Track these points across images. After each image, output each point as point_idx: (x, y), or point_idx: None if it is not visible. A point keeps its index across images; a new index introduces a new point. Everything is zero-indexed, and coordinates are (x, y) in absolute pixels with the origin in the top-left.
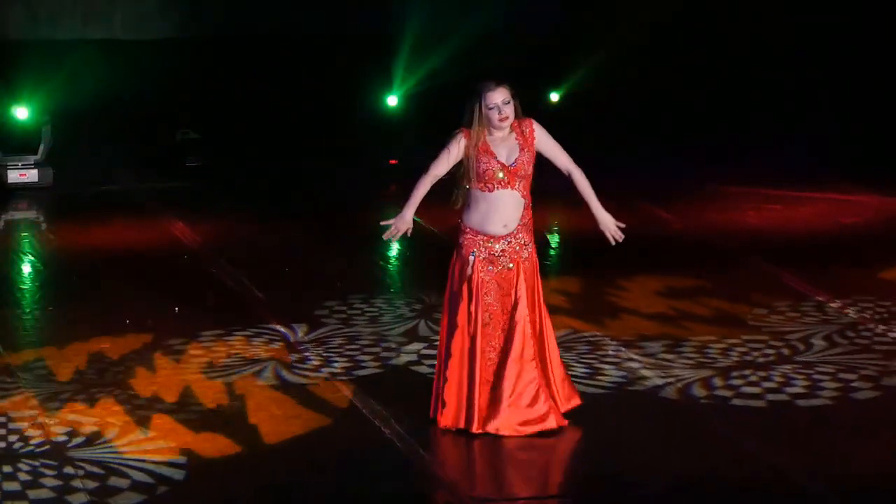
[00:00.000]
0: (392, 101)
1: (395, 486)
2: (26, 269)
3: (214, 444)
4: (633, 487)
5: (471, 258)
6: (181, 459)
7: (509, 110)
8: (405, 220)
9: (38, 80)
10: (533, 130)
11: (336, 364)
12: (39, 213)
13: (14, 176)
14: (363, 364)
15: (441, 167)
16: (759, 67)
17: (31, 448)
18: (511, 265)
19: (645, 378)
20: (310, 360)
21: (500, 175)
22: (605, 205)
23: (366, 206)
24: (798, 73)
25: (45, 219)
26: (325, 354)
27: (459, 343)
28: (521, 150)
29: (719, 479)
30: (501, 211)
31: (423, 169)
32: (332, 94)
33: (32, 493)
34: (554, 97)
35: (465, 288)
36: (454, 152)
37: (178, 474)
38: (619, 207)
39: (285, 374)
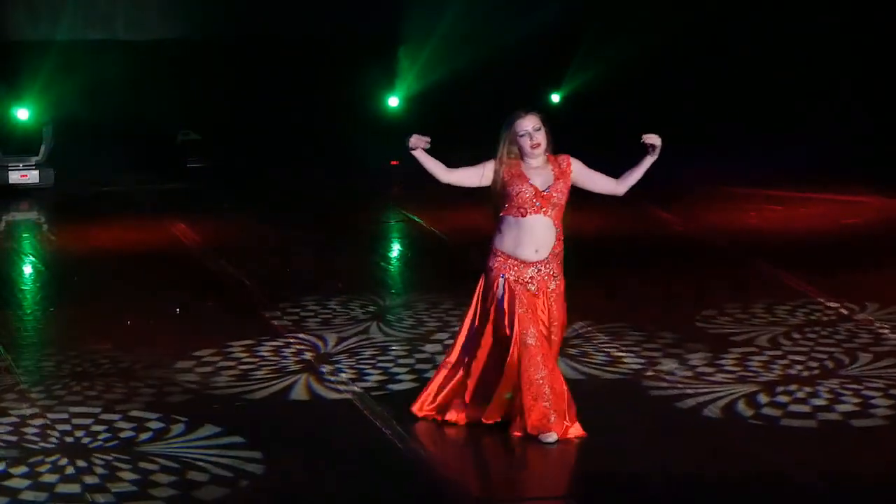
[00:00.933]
0: (393, 101)
1: (396, 487)
2: (27, 269)
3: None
4: (635, 488)
5: (500, 280)
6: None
7: (540, 137)
8: (423, 144)
9: (39, 81)
10: (570, 164)
11: (344, 373)
12: (40, 213)
13: (15, 177)
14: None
15: (459, 173)
16: (759, 68)
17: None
18: (536, 295)
19: (648, 379)
20: (323, 369)
21: (534, 200)
22: (606, 205)
23: (367, 206)
24: (798, 73)
25: (46, 219)
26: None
27: (478, 353)
28: (557, 179)
29: (721, 480)
30: (534, 236)
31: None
32: (333, 94)
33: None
34: (555, 98)
35: (493, 308)
36: (480, 170)
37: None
38: (620, 208)
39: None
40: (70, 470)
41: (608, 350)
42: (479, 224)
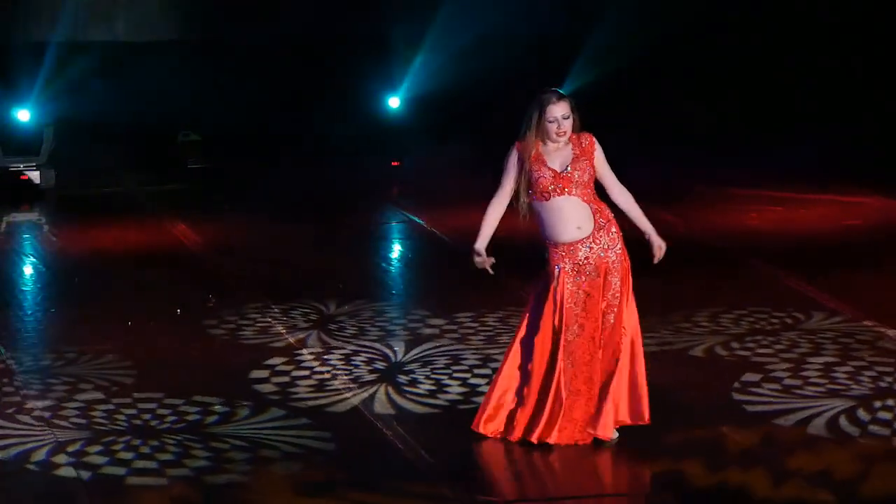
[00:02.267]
0: (394, 102)
1: (397, 488)
2: (28, 270)
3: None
4: (635, 488)
5: (556, 270)
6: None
7: (568, 125)
8: (478, 252)
9: (40, 82)
10: (593, 142)
11: (347, 371)
12: (41, 214)
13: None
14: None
15: (507, 186)
16: (759, 69)
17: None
18: (597, 274)
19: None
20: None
21: (555, 183)
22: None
23: (368, 207)
24: (799, 74)
25: (47, 220)
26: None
27: (534, 354)
28: (577, 158)
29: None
30: (565, 217)
31: (494, 196)
32: (334, 95)
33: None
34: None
35: (549, 300)
36: (511, 169)
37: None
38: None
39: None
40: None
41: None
42: (477, 224)
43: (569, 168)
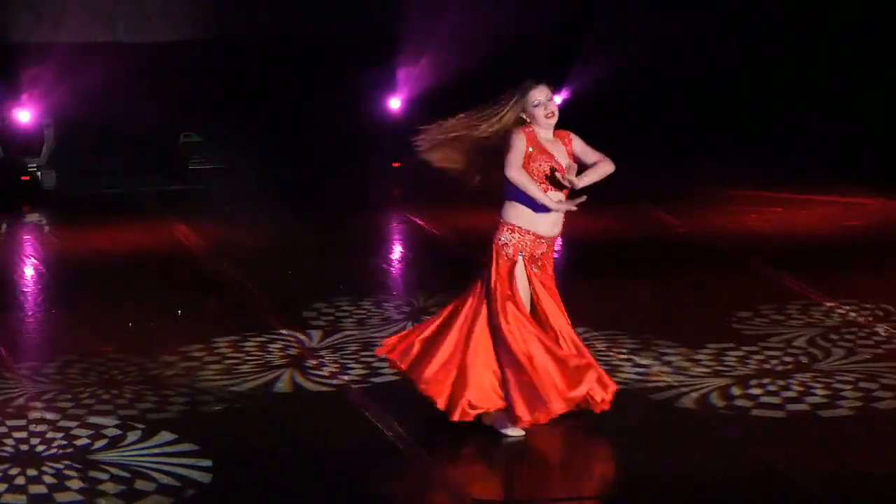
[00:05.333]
0: (395, 103)
1: (398, 489)
2: (29, 271)
3: (227, 447)
4: (637, 491)
5: (519, 257)
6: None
7: (554, 106)
8: (559, 200)
9: (41, 82)
10: (571, 140)
11: (351, 371)
12: (42, 215)
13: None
14: (380, 371)
15: (519, 160)
16: (760, 68)
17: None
18: (541, 269)
19: (654, 382)
20: (324, 366)
21: (559, 181)
22: (608, 207)
23: (368, 208)
24: (799, 74)
25: (47, 221)
26: (333, 358)
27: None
28: (568, 156)
29: (728, 484)
30: (553, 213)
31: (509, 170)
32: (335, 96)
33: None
34: (557, 100)
35: (510, 286)
36: (519, 145)
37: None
38: (622, 210)
39: (299, 379)
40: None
41: (615, 353)
42: (479, 225)
43: (567, 166)
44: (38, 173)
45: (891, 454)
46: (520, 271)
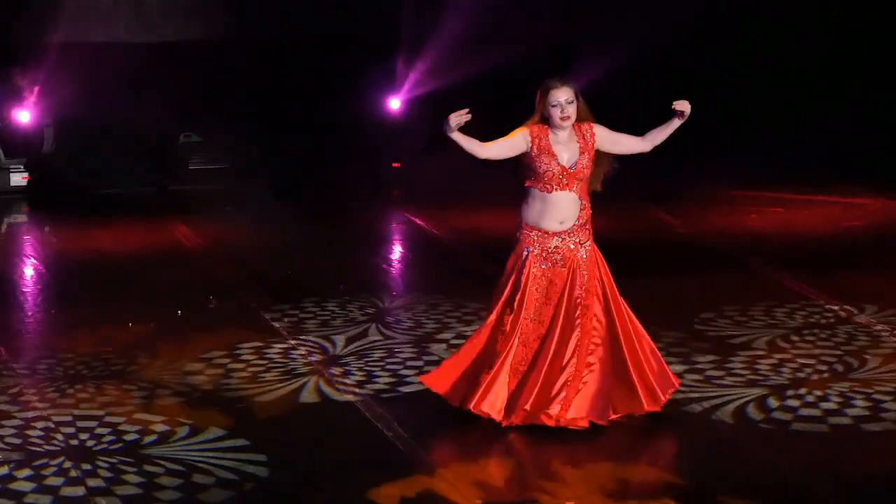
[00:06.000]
0: (395, 104)
1: (398, 489)
2: (28, 271)
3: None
4: (637, 491)
5: (525, 252)
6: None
7: (572, 110)
8: (459, 120)
9: (40, 82)
10: (594, 134)
11: (354, 375)
12: (42, 215)
13: (17, 179)
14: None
15: (495, 147)
16: (760, 69)
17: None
18: (563, 265)
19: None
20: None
21: (560, 178)
22: (609, 207)
23: (368, 208)
24: (800, 74)
25: (47, 221)
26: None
27: (500, 331)
28: (582, 153)
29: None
30: (559, 210)
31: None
32: (334, 96)
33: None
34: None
35: (513, 280)
36: (512, 142)
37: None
38: (621, 210)
39: (303, 380)
40: (74, 473)
41: None
42: (479, 226)
43: (575, 165)
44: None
45: (891, 455)
46: (525, 267)
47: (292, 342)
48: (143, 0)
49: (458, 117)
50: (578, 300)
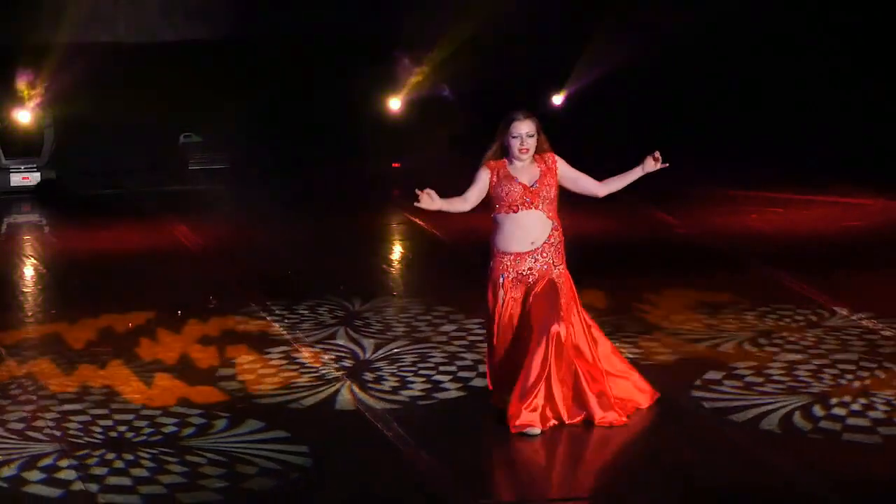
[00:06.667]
0: (395, 104)
1: (398, 489)
2: (29, 272)
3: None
4: (637, 491)
5: (500, 279)
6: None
7: (531, 143)
8: (434, 199)
9: (41, 83)
10: (555, 160)
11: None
12: (42, 216)
13: (17, 179)
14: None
15: (472, 196)
16: (760, 70)
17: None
18: (536, 281)
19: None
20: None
21: (524, 197)
22: (609, 207)
23: (369, 209)
24: (800, 75)
25: (47, 222)
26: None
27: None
28: (543, 175)
29: (730, 487)
30: (527, 229)
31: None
32: (334, 96)
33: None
34: (557, 100)
35: (497, 307)
36: (480, 183)
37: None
38: (623, 211)
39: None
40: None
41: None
42: (479, 226)
43: (536, 183)
44: (38, 173)
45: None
46: (500, 293)
47: (290, 341)
48: (143, 0)
49: (428, 197)
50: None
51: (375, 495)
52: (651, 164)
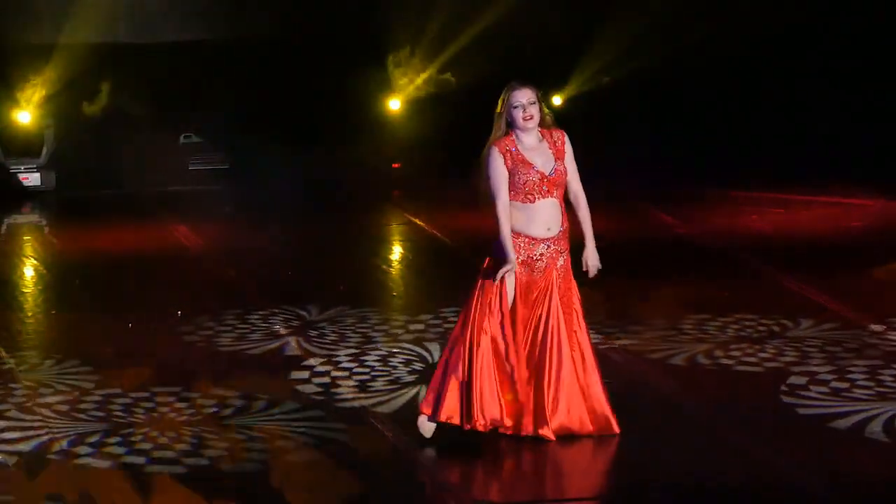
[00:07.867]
0: (394, 104)
1: (397, 490)
2: (29, 272)
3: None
4: (637, 491)
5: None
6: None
7: (534, 110)
8: (510, 261)
9: (41, 83)
10: (564, 141)
11: (346, 370)
12: (42, 216)
13: (17, 179)
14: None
15: (507, 195)
16: (760, 70)
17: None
18: (542, 274)
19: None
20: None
21: (542, 186)
22: (609, 207)
23: (368, 209)
24: (800, 76)
25: (47, 222)
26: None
27: (483, 342)
28: (557, 159)
29: (727, 485)
30: (545, 217)
31: (493, 203)
32: (335, 97)
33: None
34: (557, 100)
35: (496, 288)
36: (503, 173)
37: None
38: (623, 211)
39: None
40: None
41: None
42: (479, 226)
43: (554, 171)
44: (38, 174)
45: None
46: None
47: (290, 340)
48: (143, 1)
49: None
50: (550, 312)
51: (376, 495)
52: (585, 264)
